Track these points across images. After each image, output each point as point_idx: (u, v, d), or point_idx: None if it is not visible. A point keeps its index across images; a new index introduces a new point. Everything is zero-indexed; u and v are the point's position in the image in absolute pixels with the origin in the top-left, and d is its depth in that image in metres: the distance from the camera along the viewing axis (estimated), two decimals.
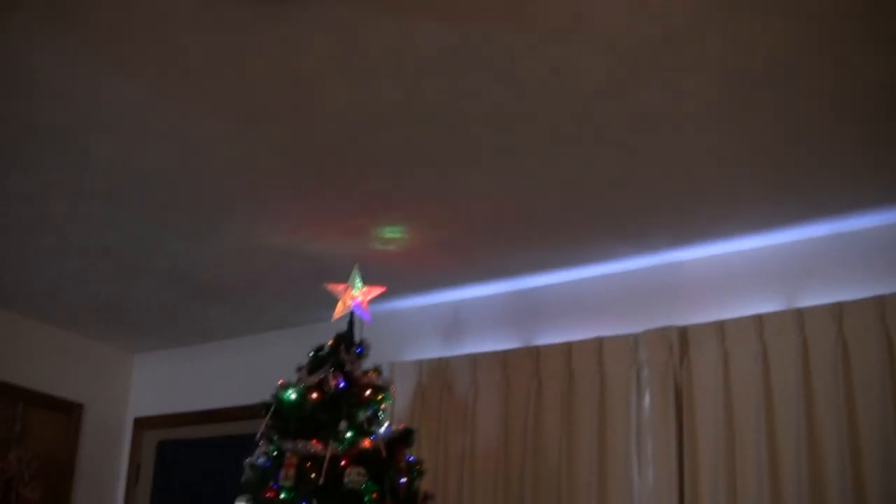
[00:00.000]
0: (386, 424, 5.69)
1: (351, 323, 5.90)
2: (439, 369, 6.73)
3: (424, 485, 5.73)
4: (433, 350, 6.92)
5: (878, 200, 5.37)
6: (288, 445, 5.43)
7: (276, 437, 5.54)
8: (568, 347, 6.27)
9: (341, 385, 5.57)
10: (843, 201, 5.39)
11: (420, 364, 6.82)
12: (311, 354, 5.78)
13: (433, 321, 7.05)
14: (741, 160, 4.98)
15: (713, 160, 5.00)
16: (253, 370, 7.62)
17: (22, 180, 5.53)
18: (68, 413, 8.15)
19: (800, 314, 5.55)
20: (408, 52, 4.16)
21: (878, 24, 3.88)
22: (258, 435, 5.66)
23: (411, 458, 5.66)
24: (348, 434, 5.44)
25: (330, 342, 5.79)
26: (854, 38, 3.97)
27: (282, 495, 5.34)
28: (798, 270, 5.77)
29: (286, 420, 5.57)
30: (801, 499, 5.26)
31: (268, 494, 5.40)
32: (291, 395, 5.60)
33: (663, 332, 5.92)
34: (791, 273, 5.79)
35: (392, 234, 5.95)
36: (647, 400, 5.90)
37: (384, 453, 5.45)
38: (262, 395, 5.77)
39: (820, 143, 4.79)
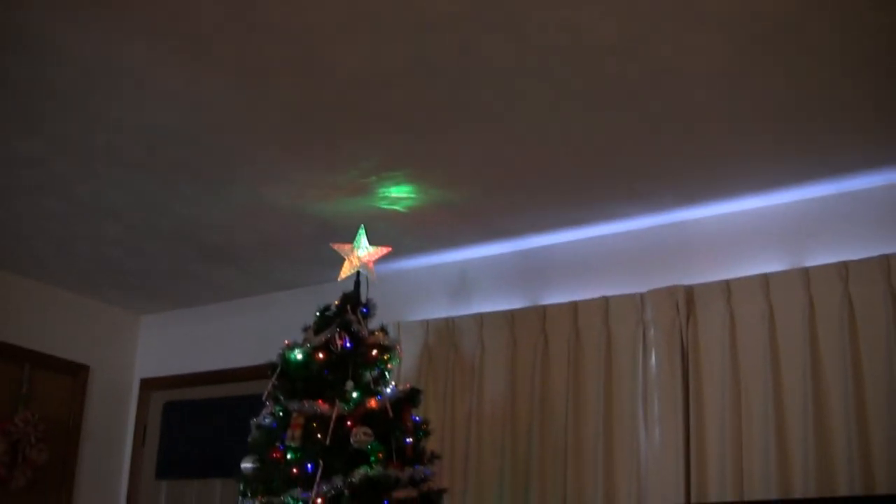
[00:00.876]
0: (392, 384, 5.69)
1: (357, 283, 5.90)
2: (446, 329, 6.74)
3: (431, 444, 5.73)
4: (440, 310, 6.92)
5: (885, 160, 5.36)
6: (294, 406, 5.43)
7: (282, 398, 5.55)
8: (574, 307, 6.27)
9: (348, 345, 5.57)
10: (849, 160, 5.38)
11: (427, 324, 6.82)
12: (317, 314, 5.78)
13: (440, 281, 7.05)
14: (749, 118, 4.97)
15: (721, 118, 4.98)
16: (259, 331, 7.61)
17: (28, 141, 5.52)
18: (75, 375, 8.16)
19: (806, 273, 5.55)
20: (416, 10, 4.14)
21: None
22: (264, 395, 5.66)
23: (418, 418, 5.67)
24: (355, 394, 5.44)
25: (336, 302, 5.79)
26: None
27: (288, 455, 5.36)
28: (804, 230, 5.77)
29: (292, 380, 5.57)
30: (807, 456, 5.28)
31: (274, 454, 5.43)
32: (298, 355, 5.60)
33: (670, 291, 5.92)
34: (797, 232, 5.79)
35: (398, 193, 5.94)
36: (653, 359, 5.90)
37: (391, 413, 5.46)
38: (268, 355, 5.78)
39: (827, 102, 4.78)
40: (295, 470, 5.29)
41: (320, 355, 5.57)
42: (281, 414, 5.50)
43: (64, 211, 6.45)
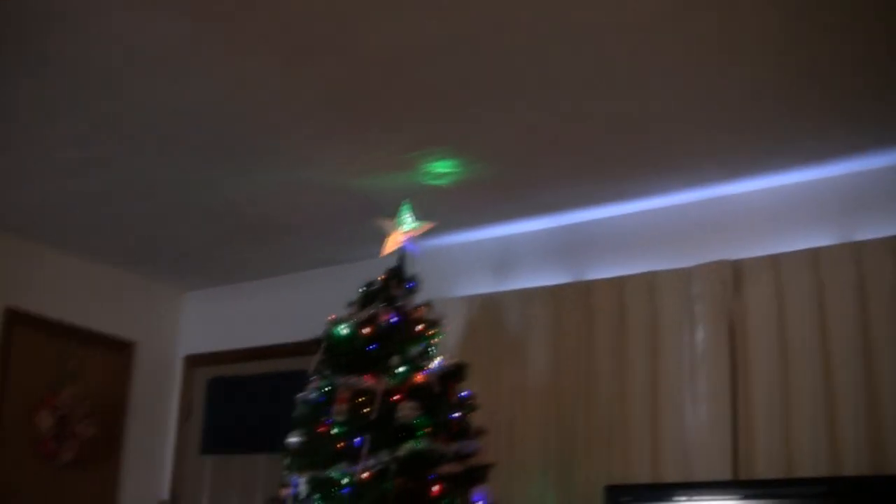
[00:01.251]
0: (438, 359, 5.67)
1: (401, 258, 5.88)
2: (490, 304, 6.72)
3: (476, 419, 5.72)
4: (484, 285, 6.90)
5: None
6: (340, 380, 5.43)
7: (328, 373, 5.55)
8: (620, 282, 6.24)
9: (393, 320, 5.56)
10: None
11: (471, 299, 6.81)
12: (362, 290, 5.77)
13: (484, 256, 7.03)
14: (797, 90, 4.92)
15: (768, 90, 4.94)
16: (303, 307, 7.61)
17: (71, 120, 5.54)
18: (120, 351, 8.20)
19: (856, 247, 5.51)
20: None
21: None
22: (310, 370, 5.66)
23: (463, 394, 5.65)
24: (400, 369, 5.43)
25: (381, 277, 5.78)
26: None
27: (334, 430, 5.36)
28: (854, 203, 5.72)
29: (338, 355, 5.57)
30: (857, 432, 5.25)
31: (321, 429, 5.42)
32: (343, 330, 5.60)
33: (717, 266, 5.89)
34: (847, 206, 5.73)
35: (441, 168, 5.92)
36: (700, 335, 5.88)
37: (436, 388, 5.45)
38: (311, 331, 5.77)
39: (873, 73, 4.73)
40: (341, 444, 5.29)
41: (366, 330, 5.56)
42: (327, 389, 5.50)
43: (107, 188, 6.47)
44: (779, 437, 5.46)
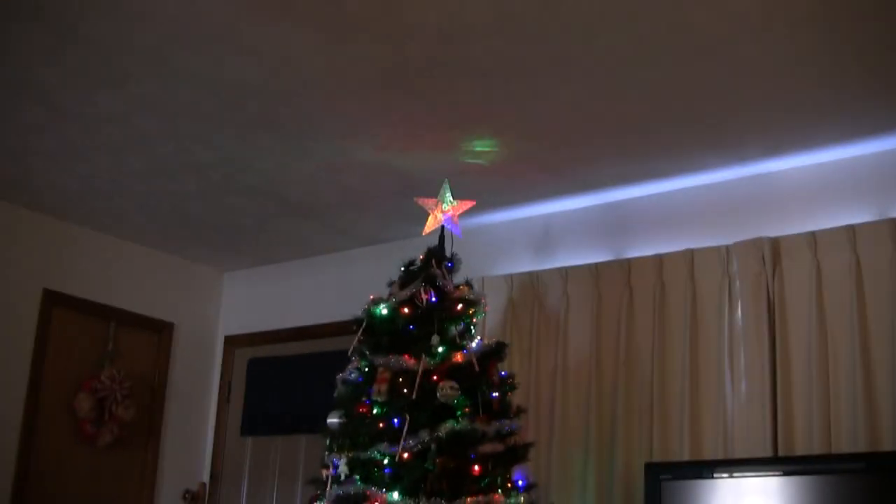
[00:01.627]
0: (478, 339, 5.66)
1: (441, 237, 5.88)
2: (530, 283, 6.73)
3: (516, 399, 5.71)
4: (524, 264, 6.91)
5: None
6: (380, 360, 5.43)
7: (368, 353, 5.55)
8: (659, 260, 6.25)
9: (433, 299, 5.55)
10: None
11: (511, 278, 6.82)
12: (402, 269, 5.77)
13: (524, 235, 7.04)
14: (835, 67, 4.91)
15: (807, 66, 4.92)
16: (342, 287, 7.64)
17: (111, 99, 5.56)
18: (159, 332, 8.25)
19: (894, 224, 5.49)
20: None
21: None
22: (350, 350, 5.66)
23: (504, 373, 5.65)
24: (440, 348, 5.42)
25: (421, 257, 5.77)
26: None
27: (374, 410, 5.37)
28: (892, 180, 5.71)
29: (378, 335, 5.57)
30: (895, 409, 5.21)
31: (361, 409, 5.43)
32: (383, 310, 5.59)
33: (755, 243, 5.87)
34: (884, 183, 5.72)
35: (482, 147, 5.92)
36: (739, 312, 5.88)
37: (477, 367, 5.44)
38: (352, 311, 5.77)
39: None
40: (381, 424, 5.29)
41: (406, 310, 5.55)
42: (367, 369, 5.51)
43: (147, 168, 6.50)
44: (818, 414, 5.45)
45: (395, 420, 5.25)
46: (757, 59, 4.85)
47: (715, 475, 5.42)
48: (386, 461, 5.18)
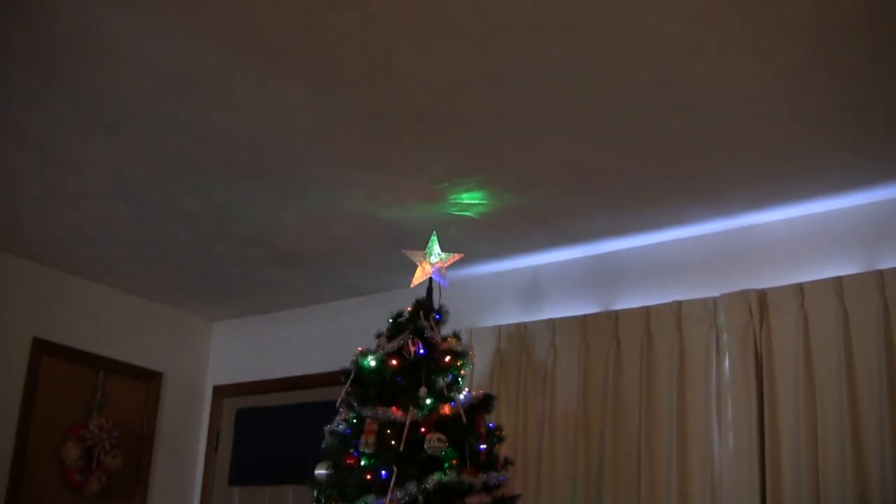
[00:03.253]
0: (465, 390, 5.69)
1: (429, 289, 5.91)
2: (518, 334, 6.74)
3: (504, 450, 5.73)
4: (512, 315, 6.93)
5: None
6: (368, 412, 5.44)
7: (355, 404, 5.56)
8: (647, 311, 6.26)
9: (421, 351, 5.56)
10: None
11: (499, 329, 6.83)
12: (390, 321, 5.78)
13: (512, 286, 7.06)
14: (821, 120, 4.94)
15: (793, 120, 4.95)
16: (331, 337, 7.66)
17: (102, 147, 5.58)
18: (148, 381, 8.24)
19: (880, 276, 5.51)
20: (485, 16, 4.16)
21: None
22: (338, 402, 5.68)
23: (491, 424, 5.67)
24: (428, 400, 5.43)
25: (409, 308, 5.79)
26: None
27: (362, 462, 5.37)
28: (878, 232, 5.73)
29: (366, 386, 5.59)
30: (884, 462, 5.23)
31: (348, 461, 5.44)
32: (371, 361, 5.61)
33: (742, 295, 5.89)
34: (871, 234, 5.75)
35: (470, 199, 5.94)
36: (726, 364, 5.88)
37: (464, 419, 5.45)
38: (340, 362, 5.79)
39: None
40: (369, 476, 5.29)
41: (393, 361, 5.57)
42: (355, 420, 5.52)
43: (136, 216, 6.51)
44: (806, 467, 5.44)
45: (383, 472, 5.26)
46: (742, 113, 4.89)
47: None
48: None
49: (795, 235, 5.99)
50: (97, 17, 4.32)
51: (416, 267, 5.97)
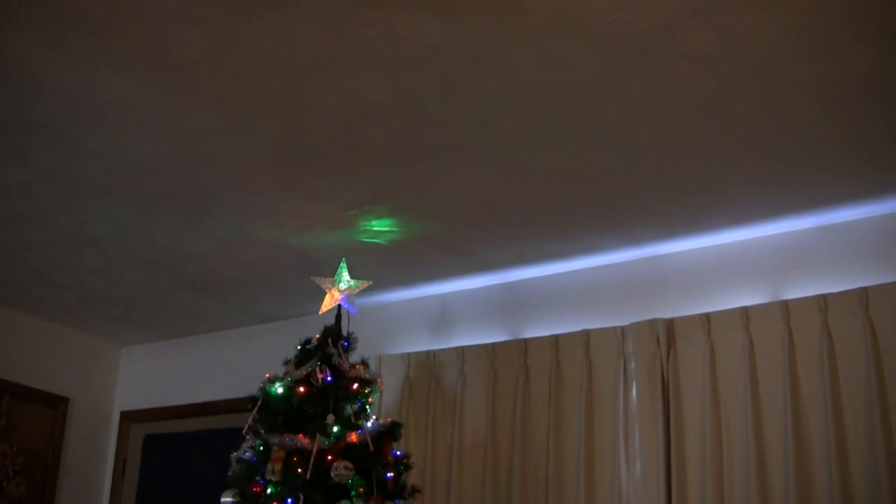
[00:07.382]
0: (373, 418, 5.68)
1: (338, 316, 5.90)
2: (427, 362, 6.74)
3: (412, 478, 5.73)
4: (421, 343, 6.93)
5: (863, 193, 5.40)
6: (275, 439, 5.42)
7: (262, 431, 5.54)
8: (555, 340, 6.28)
9: (328, 379, 5.56)
10: (828, 194, 5.41)
11: (408, 357, 6.83)
12: (298, 348, 5.78)
13: (421, 314, 7.06)
14: (729, 152, 4.99)
15: (701, 152, 5.00)
16: (240, 363, 7.62)
17: (10, 171, 5.51)
18: (54, 407, 8.12)
19: (785, 306, 5.59)
20: (397, 45, 4.17)
21: (864, 17, 3.90)
22: (245, 429, 5.65)
23: (399, 452, 5.67)
24: (335, 428, 5.43)
25: (317, 336, 5.78)
26: (841, 32, 3.99)
27: (268, 490, 5.35)
28: (783, 263, 5.82)
29: (273, 414, 5.57)
30: (788, 489, 5.29)
31: (254, 489, 5.42)
32: (278, 388, 5.59)
33: (650, 324, 5.94)
34: (777, 265, 5.83)
35: (380, 226, 5.94)
36: (634, 392, 5.92)
37: (371, 447, 5.45)
38: (248, 388, 5.78)
39: (807, 136, 4.81)
40: None
41: (301, 389, 5.56)
42: (261, 448, 5.49)
43: (45, 240, 6.44)
44: (712, 495, 5.48)
45: (289, 500, 5.24)
46: (651, 144, 4.93)
47: None
48: None
49: (703, 265, 6.05)
50: (5, 43, 4.27)
51: (325, 294, 5.96)
